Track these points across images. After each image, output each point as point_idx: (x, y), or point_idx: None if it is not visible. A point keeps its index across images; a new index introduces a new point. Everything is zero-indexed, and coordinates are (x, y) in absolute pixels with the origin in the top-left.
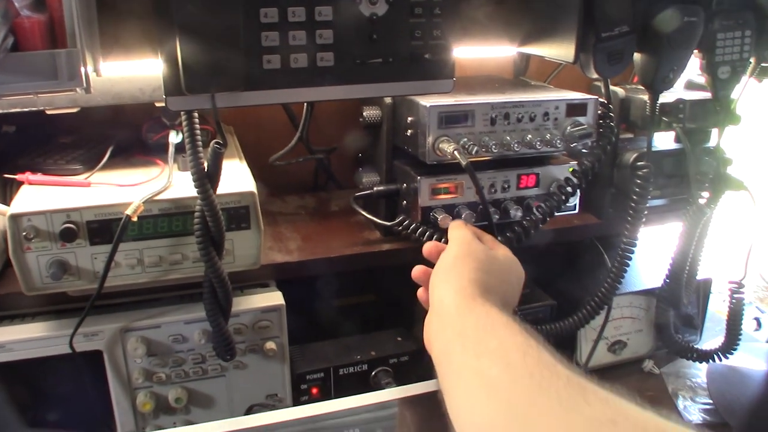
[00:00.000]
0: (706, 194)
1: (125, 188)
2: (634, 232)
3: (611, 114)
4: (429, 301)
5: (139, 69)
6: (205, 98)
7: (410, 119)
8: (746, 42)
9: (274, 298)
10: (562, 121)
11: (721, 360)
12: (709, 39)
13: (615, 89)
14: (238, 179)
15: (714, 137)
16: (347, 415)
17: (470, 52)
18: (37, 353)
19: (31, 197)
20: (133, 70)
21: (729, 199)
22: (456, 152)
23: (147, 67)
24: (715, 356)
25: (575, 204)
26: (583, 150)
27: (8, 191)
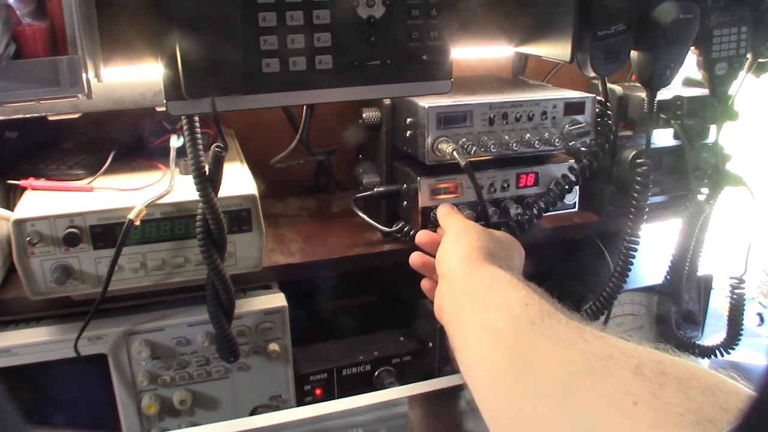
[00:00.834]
0: (706, 190)
1: (127, 192)
2: (636, 230)
3: (609, 112)
4: (438, 277)
5: (140, 74)
6: (206, 102)
7: (409, 120)
8: (742, 38)
9: (277, 300)
10: (561, 120)
11: (723, 356)
12: (706, 35)
13: (613, 87)
14: (240, 182)
15: (712, 133)
16: (351, 415)
17: (468, 53)
18: (42, 357)
19: (35, 203)
20: (134, 75)
21: (728, 195)
22: (455, 152)
23: (148, 72)
24: (717, 352)
25: (575, 202)
26: (582, 148)
27: (11, 197)
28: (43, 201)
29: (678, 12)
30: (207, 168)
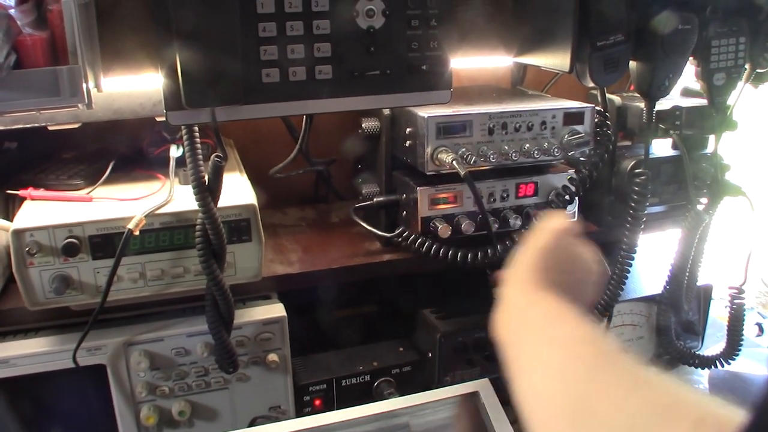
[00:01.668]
0: (705, 200)
1: (127, 202)
2: (634, 240)
3: (608, 122)
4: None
5: (140, 84)
6: (205, 112)
7: (409, 130)
8: (741, 48)
9: (276, 310)
10: (560, 130)
11: (723, 366)
12: (704, 46)
13: (612, 97)
14: (239, 192)
15: (711, 143)
16: (350, 426)
17: (468, 63)
18: (41, 368)
19: (34, 213)
20: (134, 85)
21: (727, 205)
22: (454, 162)
23: (148, 82)
24: (717, 362)
25: (574, 212)
26: (582, 158)
27: (11, 207)
28: (43, 211)
29: (676, 22)
30: (206, 178)
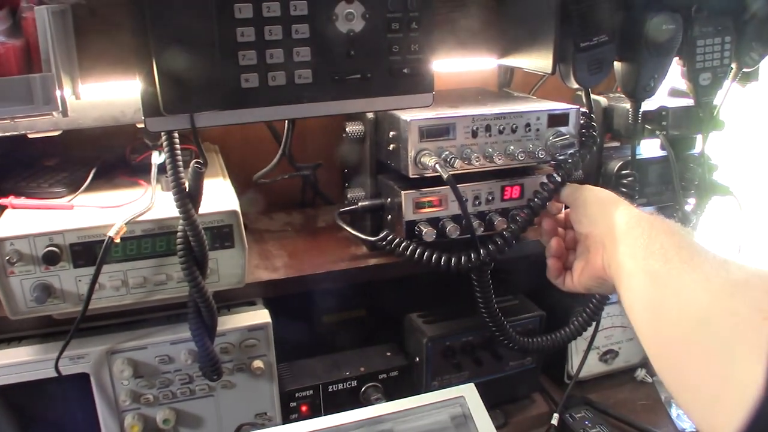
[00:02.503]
0: (693, 200)
1: (108, 210)
2: None
3: (593, 123)
4: (590, 242)
5: (121, 91)
6: (184, 118)
7: (392, 134)
8: (726, 48)
9: (261, 316)
10: (544, 132)
11: None
12: (689, 46)
13: (598, 98)
14: (221, 198)
15: (699, 143)
16: None
17: (454, 65)
18: (23, 378)
19: (14, 221)
20: (115, 92)
21: (715, 205)
22: (437, 165)
23: (128, 89)
24: None
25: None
26: (569, 160)
27: None
28: (23, 219)
29: (660, 22)
30: (187, 184)
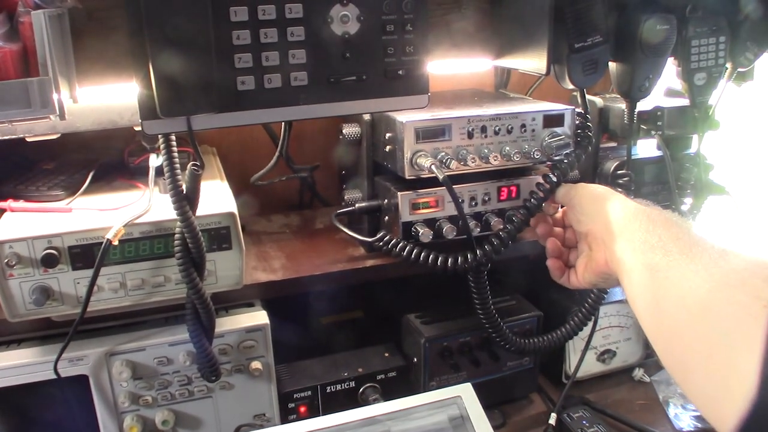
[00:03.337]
0: (689, 200)
1: (106, 212)
2: None
3: (589, 124)
4: (590, 239)
5: (119, 94)
6: (181, 121)
7: (388, 135)
8: (721, 48)
9: (259, 318)
10: (540, 133)
11: None
12: (684, 46)
13: (593, 99)
14: (219, 200)
15: (695, 143)
16: None
17: (449, 67)
18: (23, 380)
19: (13, 224)
20: (112, 96)
21: (712, 205)
22: (433, 166)
23: (126, 92)
24: None
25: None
26: (565, 161)
27: None
28: (22, 222)
29: (655, 23)
30: (184, 187)
